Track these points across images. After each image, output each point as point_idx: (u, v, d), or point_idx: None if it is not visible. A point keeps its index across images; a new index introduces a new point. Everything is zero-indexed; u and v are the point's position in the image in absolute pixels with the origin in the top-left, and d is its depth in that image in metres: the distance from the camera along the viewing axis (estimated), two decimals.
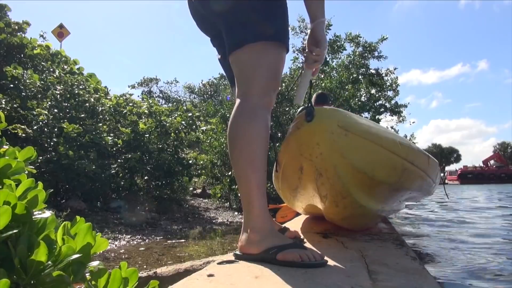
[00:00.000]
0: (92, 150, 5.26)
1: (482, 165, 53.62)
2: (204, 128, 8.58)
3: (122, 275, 0.76)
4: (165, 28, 78.51)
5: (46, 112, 5.30)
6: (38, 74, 6.13)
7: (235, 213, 7.02)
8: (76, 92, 6.00)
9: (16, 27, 6.74)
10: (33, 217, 0.70)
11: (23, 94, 5.63)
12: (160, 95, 25.57)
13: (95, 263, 0.73)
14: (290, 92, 7.97)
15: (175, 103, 21.00)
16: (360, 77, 10.53)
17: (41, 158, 4.81)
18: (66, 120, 5.45)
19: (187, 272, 1.86)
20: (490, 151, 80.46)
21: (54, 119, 5.35)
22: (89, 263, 0.72)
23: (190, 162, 6.82)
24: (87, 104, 6.04)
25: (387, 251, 1.30)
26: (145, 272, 2.08)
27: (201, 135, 8.09)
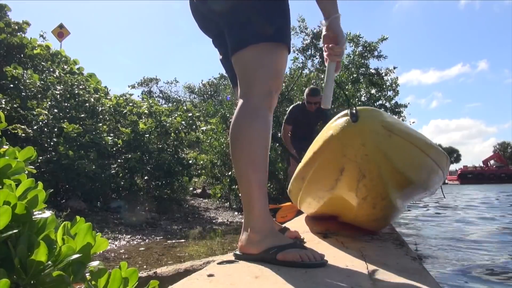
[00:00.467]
0: (92, 150, 5.26)
1: (482, 165, 53.59)
2: (204, 128, 8.58)
3: (122, 275, 0.76)
4: (165, 28, 78.46)
5: (46, 112, 5.31)
6: (38, 74, 6.13)
7: (235, 213, 7.02)
8: (76, 92, 6.01)
9: (16, 27, 6.75)
10: (33, 217, 0.70)
11: (23, 94, 5.63)
12: (160, 95, 25.61)
13: (95, 263, 0.73)
14: (290, 92, 7.97)
15: (175, 103, 21.02)
16: (360, 77, 10.54)
17: (41, 158, 4.81)
18: (66, 120, 5.45)
19: (187, 272, 1.86)
20: (490, 151, 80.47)
21: (54, 119, 5.35)
22: (89, 263, 0.72)
23: (190, 162, 6.82)
24: (87, 104, 6.04)
25: (387, 251, 1.30)
26: (145, 272, 2.08)
27: (201, 135, 8.09)
